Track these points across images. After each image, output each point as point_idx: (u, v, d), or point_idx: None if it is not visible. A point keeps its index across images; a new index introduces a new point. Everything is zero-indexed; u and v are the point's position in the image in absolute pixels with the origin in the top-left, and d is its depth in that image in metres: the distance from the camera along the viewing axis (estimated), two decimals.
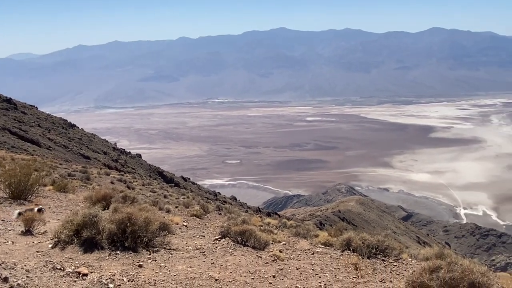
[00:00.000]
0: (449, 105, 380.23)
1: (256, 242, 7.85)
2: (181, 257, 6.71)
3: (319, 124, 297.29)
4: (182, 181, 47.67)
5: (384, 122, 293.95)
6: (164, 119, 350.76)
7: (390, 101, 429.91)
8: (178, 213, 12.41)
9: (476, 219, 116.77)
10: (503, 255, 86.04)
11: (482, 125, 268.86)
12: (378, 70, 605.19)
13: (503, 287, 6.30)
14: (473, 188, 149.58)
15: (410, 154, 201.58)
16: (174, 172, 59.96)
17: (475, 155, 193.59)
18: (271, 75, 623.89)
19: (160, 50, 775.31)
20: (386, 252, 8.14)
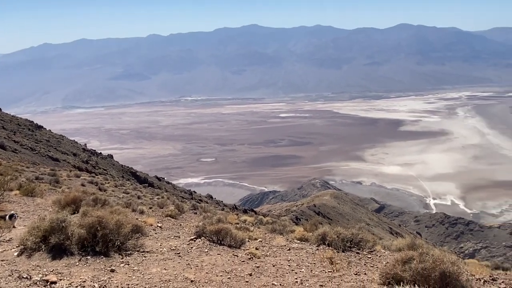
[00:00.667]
0: (417, 99, 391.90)
1: (232, 241, 7.80)
2: (155, 260, 6.57)
3: (293, 120, 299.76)
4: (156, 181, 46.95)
5: (356, 117, 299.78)
6: (136, 118, 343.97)
7: (361, 96, 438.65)
8: (152, 214, 12.17)
9: (445, 209, 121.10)
10: (470, 242, 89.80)
11: (448, 117, 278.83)
12: (349, 66, 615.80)
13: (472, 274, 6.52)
14: (441, 179, 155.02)
15: (381, 148, 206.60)
16: (148, 172, 58.94)
17: (442, 147, 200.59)
18: (244, 72, 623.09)
19: (130, 48, 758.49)
20: (360, 245, 8.28)
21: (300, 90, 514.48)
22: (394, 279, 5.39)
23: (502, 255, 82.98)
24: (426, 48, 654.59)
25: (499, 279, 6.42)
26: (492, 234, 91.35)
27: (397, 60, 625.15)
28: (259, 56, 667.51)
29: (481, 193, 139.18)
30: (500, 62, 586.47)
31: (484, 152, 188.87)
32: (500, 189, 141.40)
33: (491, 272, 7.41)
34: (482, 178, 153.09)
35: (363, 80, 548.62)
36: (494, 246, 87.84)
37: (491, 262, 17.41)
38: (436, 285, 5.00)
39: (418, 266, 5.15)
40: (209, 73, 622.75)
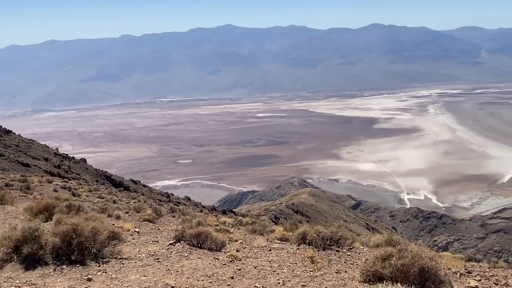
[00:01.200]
0: (390, 97, 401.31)
1: (212, 244, 7.72)
2: (134, 266, 6.42)
3: (270, 120, 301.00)
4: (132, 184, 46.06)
5: (331, 116, 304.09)
6: (109, 120, 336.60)
7: (336, 95, 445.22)
8: (129, 219, 11.91)
9: (418, 203, 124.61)
10: (444, 235, 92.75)
11: (420, 115, 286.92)
12: (323, 65, 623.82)
13: (448, 268, 6.70)
14: (414, 175, 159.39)
15: (356, 145, 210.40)
16: (123, 176, 57.78)
17: (415, 143, 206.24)
18: (220, 72, 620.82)
19: (102, 48, 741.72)
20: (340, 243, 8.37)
21: (276, 89, 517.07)
22: (375, 276, 5.47)
23: (474, 247, 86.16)
24: (397, 47, 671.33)
25: (474, 272, 6.63)
26: (464, 226, 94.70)
27: (370, 59, 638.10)
28: (235, 56, 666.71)
29: (452, 188, 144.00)
30: (468, 60, 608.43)
31: (455, 147, 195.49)
32: (470, 183, 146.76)
33: (465, 265, 7.65)
34: (453, 172, 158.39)
35: (337, 79, 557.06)
36: (466, 238, 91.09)
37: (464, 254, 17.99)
38: (416, 280, 5.10)
39: (397, 263, 5.23)
40: (185, 73, 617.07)
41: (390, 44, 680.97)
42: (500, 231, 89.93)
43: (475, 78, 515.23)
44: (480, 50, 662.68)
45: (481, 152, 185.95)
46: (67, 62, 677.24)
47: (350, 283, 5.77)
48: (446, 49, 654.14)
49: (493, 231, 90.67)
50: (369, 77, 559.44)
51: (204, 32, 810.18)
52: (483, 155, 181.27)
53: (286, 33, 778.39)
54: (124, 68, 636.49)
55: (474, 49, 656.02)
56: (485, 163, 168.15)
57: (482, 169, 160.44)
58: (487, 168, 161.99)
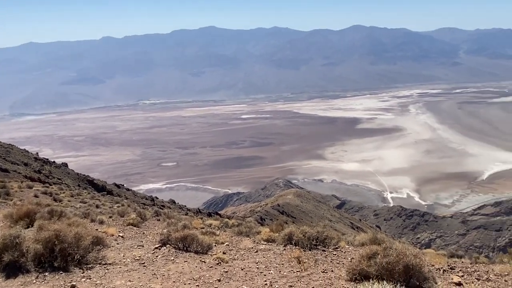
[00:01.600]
0: (372, 98, 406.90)
1: (198, 247, 7.68)
2: (119, 272, 6.32)
3: (254, 121, 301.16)
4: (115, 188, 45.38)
5: (315, 116, 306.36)
6: (91, 124, 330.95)
7: (319, 96, 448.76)
8: (112, 223, 11.73)
9: (401, 202, 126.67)
10: (426, 233, 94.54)
11: (401, 114, 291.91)
12: (306, 66, 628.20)
13: (432, 265, 6.83)
14: (397, 173, 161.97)
15: (340, 146, 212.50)
16: (106, 180, 56.85)
17: (397, 143, 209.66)
18: (204, 74, 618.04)
19: (83, 51, 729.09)
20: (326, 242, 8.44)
21: (260, 91, 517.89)
22: (361, 275, 5.53)
23: (455, 243, 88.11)
24: (379, 48, 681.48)
25: (456, 268, 6.78)
26: (446, 223, 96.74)
27: (352, 60, 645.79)
28: (218, 58, 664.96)
29: (434, 185, 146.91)
30: (447, 61, 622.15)
31: (435, 146, 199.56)
32: (451, 181, 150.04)
33: (448, 261, 7.81)
34: (434, 171, 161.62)
35: (320, 80, 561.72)
36: (448, 235, 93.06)
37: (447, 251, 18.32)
38: (401, 278, 5.18)
39: (382, 261, 5.31)
40: (168, 75, 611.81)
41: (371, 45, 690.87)
42: (480, 227, 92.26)
43: (454, 78, 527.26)
44: (459, 51, 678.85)
45: (461, 150, 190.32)
46: (47, 65, 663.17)
47: (337, 283, 5.82)
48: (426, 50, 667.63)
49: (473, 227, 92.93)
50: (351, 78, 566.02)
51: (187, 33, 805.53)
52: (462, 153, 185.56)
53: (269, 34, 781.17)
54: (105, 70, 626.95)
55: (453, 50, 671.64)
56: (464, 161, 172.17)
57: (462, 167, 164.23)
58: (466, 166, 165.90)
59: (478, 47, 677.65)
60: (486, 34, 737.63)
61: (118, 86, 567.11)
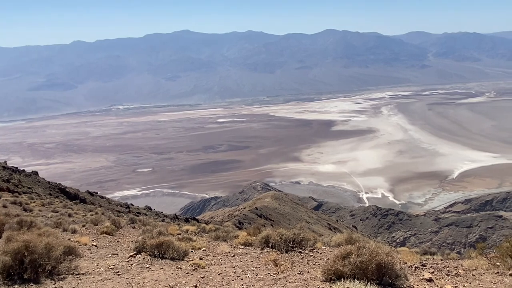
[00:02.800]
0: (346, 100, 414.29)
1: (174, 253, 7.61)
2: (92, 281, 6.19)
3: (231, 125, 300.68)
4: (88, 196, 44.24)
5: (291, 119, 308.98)
6: (62, 130, 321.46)
7: (294, 99, 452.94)
8: (86, 232, 11.45)
9: (376, 201, 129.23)
10: (401, 231, 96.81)
11: (374, 116, 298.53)
12: (281, 70, 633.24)
13: (404, 262, 7.02)
14: (371, 174, 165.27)
15: (316, 148, 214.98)
16: (79, 187, 55.35)
17: (371, 144, 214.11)
18: (178, 78, 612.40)
19: (52, 55, 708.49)
20: (302, 244, 8.53)
21: (236, 94, 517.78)
22: (336, 275, 5.63)
23: (429, 241, 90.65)
24: (351, 52, 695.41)
25: (427, 264, 7.00)
26: (419, 222, 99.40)
27: (326, 63, 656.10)
28: (193, 62, 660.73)
29: (407, 185, 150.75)
30: (416, 64, 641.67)
31: (407, 146, 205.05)
32: (423, 180, 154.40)
33: (420, 258, 8.06)
34: (407, 170, 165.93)
35: (295, 83, 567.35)
36: (421, 232, 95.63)
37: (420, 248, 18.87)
38: (374, 276, 5.31)
39: (356, 260, 5.43)
40: (141, 80, 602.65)
41: (344, 49, 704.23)
42: (452, 224, 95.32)
43: (423, 80, 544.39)
44: (427, 54, 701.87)
45: (432, 150, 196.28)
46: (14, 70, 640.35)
47: (313, 283, 5.90)
48: (396, 53, 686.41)
49: (445, 224, 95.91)
50: (325, 81, 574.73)
51: (161, 37, 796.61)
52: (433, 153, 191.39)
53: (244, 38, 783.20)
54: (76, 75, 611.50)
55: (422, 53, 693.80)
56: (435, 161, 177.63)
57: (433, 166, 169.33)
58: (437, 165, 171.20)
59: (446, 50, 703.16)
60: (453, 37, 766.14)
61: (90, 91, 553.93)
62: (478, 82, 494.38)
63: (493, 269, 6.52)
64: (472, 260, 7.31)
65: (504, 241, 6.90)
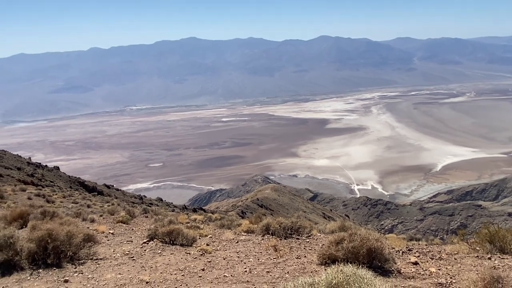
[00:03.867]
0: (339, 100, 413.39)
1: (184, 240, 7.64)
2: (109, 266, 6.22)
3: (234, 124, 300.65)
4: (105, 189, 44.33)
5: (289, 118, 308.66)
6: (81, 129, 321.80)
7: (292, 100, 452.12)
8: (103, 221, 11.50)
9: (366, 192, 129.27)
10: (389, 219, 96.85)
11: (365, 115, 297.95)
12: (280, 73, 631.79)
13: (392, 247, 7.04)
14: (362, 167, 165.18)
15: (311, 144, 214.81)
16: (96, 181, 55.45)
17: (361, 140, 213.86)
18: (186, 81, 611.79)
19: (70, 61, 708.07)
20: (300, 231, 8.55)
21: (238, 96, 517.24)
22: (330, 259, 5.65)
23: (414, 228, 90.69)
24: (343, 56, 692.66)
25: (413, 249, 7.01)
26: (406, 211, 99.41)
27: (320, 67, 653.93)
28: (199, 66, 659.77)
29: (394, 177, 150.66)
30: (403, 67, 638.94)
31: (395, 142, 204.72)
32: (409, 173, 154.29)
33: (407, 244, 8.07)
34: (395, 164, 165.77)
35: (293, 85, 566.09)
36: (408, 221, 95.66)
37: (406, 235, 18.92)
38: (365, 260, 5.33)
39: (348, 245, 5.44)
40: (152, 83, 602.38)
41: (337, 54, 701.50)
42: (436, 213, 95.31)
43: (409, 82, 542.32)
44: (413, 57, 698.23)
45: (417, 145, 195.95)
46: (36, 74, 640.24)
47: (309, 267, 5.92)
48: (385, 57, 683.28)
49: (429, 213, 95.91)
50: (320, 83, 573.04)
51: (169, 44, 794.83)
52: (419, 148, 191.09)
53: (245, 44, 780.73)
54: (93, 79, 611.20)
55: (408, 57, 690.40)
56: (421, 155, 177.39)
57: (418, 160, 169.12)
58: (422, 159, 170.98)
59: (430, 54, 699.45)
60: (436, 42, 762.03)
61: (105, 94, 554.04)
62: (459, 83, 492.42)
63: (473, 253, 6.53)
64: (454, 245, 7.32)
65: (483, 228, 6.91)
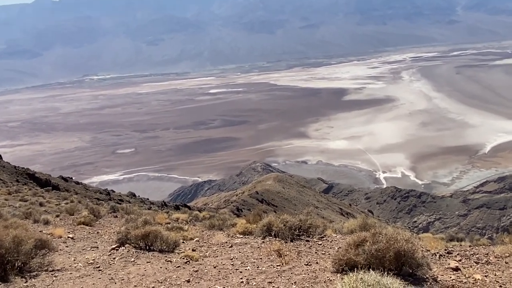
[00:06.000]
0: (360, 64, 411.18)
1: (163, 244, 7.72)
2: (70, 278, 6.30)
3: (225, 97, 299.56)
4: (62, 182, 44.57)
5: (296, 88, 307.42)
6: (27, 106, 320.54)
7: (299, 64, 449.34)
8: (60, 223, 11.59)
9: (395, 182, 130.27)
10: (424, 215, 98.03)
11: (393, 82, 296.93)
12: (283, 30, 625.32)
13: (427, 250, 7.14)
14: (390, 150, 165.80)
15: (325, 121, 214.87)
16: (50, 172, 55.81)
17: (389, 115, 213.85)
18: (162, 42, 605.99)
19: (11, 18, 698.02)
20: (310, 231, 8.65)
21: (230, 60, 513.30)
22: (348, 265, 5.72)
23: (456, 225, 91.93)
24: (365, 6, 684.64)
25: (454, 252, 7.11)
26: (445, 204, 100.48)
27: (335, 21, 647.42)
28: (178, 22, 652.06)
29: (431, 162, 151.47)
30: (442, 19, 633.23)
31: (432, 117, 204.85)
32: (450, 156, 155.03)
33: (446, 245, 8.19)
34: (431, 145, 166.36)
35: (300, 45, 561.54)
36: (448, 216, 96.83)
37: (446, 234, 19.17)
38: (392, 265, 5.40)
39: (371, 248, 5.50)
40: (118, 45, 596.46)
41: (357, 3, 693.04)
42: (483, 206, 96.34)
43: (451, 38, 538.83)
44: (456, 6, 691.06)
45: (460, 121, 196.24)
46: None
47: (322, 275, 6.00)
48: (419, 6, 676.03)
49: (475, 206, 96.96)
50: (335, 42, 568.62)
51: None
52: (462, 124, 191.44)
53: None
54: (41, 41, 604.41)
55: (449, 6, 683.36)
56: (464, 133, 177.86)
57: (461, 140, 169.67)
58: (467, 138, 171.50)
59: (477, 2, 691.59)
60: None
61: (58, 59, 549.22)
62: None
63: None
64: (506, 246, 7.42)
65: None
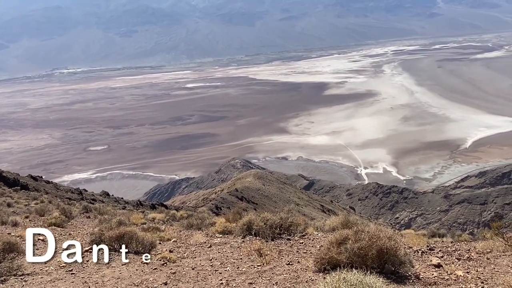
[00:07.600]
0: (341, 58, 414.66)
1: (139, 246, 7.68)
2: (40, 283, 6.20)
3: (203, 91, 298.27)
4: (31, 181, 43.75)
5: (276, 83, 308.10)
6: None
7: (279, 58, 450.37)
8: (30, 224, 11.39)
9: (377, 178, 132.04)
10: (406, 211, 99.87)
11: (375, 76, 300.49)
12: (262, 22, 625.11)
13: (409, 247, 7.28)
14: (371, 145, 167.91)
15: (305, 116, 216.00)
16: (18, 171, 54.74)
17: (370, 110, 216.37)
18: (135, 33, 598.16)
19: None
20: (291, 230, 8.72)
21: (207, 53, 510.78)
22: (330, 264, 5.79)
23: (438, 221, 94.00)
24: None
25: (436, 248, 7.27)
26: (427, 199, 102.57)
27: (315, 13, 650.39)
28: (153, 13, 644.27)
29: (413, 157, 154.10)
30: (423, 12, 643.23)
31: (414, 112, 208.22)
32: (432, 151, 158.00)
33: (428, 242, 8.36)
34: (413, 140, 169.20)
35: (279, 38, 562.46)
36: (429, 212, 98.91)
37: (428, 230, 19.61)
38: (374, 263, 5.49)
39: (354, 246, 5.58)
40: (89, 36, 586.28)
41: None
42: (464, 201, 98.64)
43: (432, 31, 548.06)
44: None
45: (441, 115, 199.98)
46: None
47: (304, 275, 6.05)
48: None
49: (457, 202, 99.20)
50: (316, 35, 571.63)
51: None
52: (443, 118, 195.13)
53: None
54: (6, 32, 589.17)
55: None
56: (446, 128, 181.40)
57: (443, 135, 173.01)
58: (448, 133, 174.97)
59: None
60: None
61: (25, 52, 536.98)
62: (496, 32, 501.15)
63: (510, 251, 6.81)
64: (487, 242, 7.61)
65: None
